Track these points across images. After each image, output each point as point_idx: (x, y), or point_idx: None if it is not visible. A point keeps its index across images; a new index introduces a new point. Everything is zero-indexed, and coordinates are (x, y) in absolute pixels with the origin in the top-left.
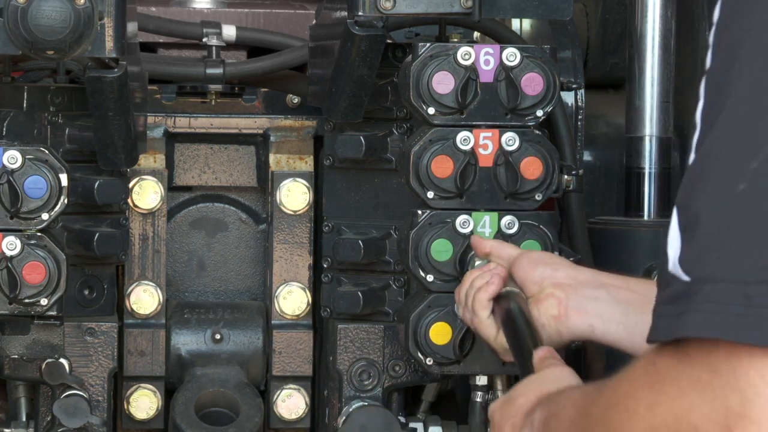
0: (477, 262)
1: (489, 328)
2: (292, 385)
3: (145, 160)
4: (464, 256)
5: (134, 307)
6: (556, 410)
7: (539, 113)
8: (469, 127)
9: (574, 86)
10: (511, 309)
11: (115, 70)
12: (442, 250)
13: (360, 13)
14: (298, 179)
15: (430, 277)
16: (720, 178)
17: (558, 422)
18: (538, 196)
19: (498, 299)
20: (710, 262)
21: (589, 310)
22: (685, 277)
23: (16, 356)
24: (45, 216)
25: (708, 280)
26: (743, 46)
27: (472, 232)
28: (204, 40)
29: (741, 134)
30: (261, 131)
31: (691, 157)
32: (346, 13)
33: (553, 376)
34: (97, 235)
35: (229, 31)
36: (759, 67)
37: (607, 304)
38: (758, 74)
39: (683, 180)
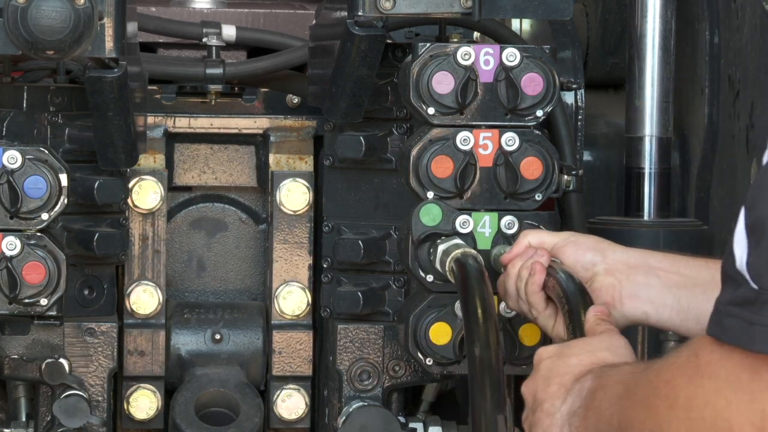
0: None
1: (548, 318)
2: (292, 385)
3: (145, 160)
4: None
5: (134, 307)
6: (606, 384)
7: (539, 113)
8: (469, 127)
9: (574, 86)
10: (559, 277)
11: (115, 70)
12: None
13: (360, 13)
14: (298, 179)
15: (430, 278)
16: None
17: (604, 396)
18: (538, 196)
19: (546, 278)
20: None
21: (641, 297)
22: (753, 285)
23: (16, 356)
24: (45, 216)
25: None
26: None
27: (472, 232)
28: (204, 40)
29: None
30: (261, 131)
31: (765, 157)
32: (346, 13)
33: (608, 343)
34: (96, 235)
35: (229, 31)
36: None
37: (659, 289)
38: None
39: (754, 179)
